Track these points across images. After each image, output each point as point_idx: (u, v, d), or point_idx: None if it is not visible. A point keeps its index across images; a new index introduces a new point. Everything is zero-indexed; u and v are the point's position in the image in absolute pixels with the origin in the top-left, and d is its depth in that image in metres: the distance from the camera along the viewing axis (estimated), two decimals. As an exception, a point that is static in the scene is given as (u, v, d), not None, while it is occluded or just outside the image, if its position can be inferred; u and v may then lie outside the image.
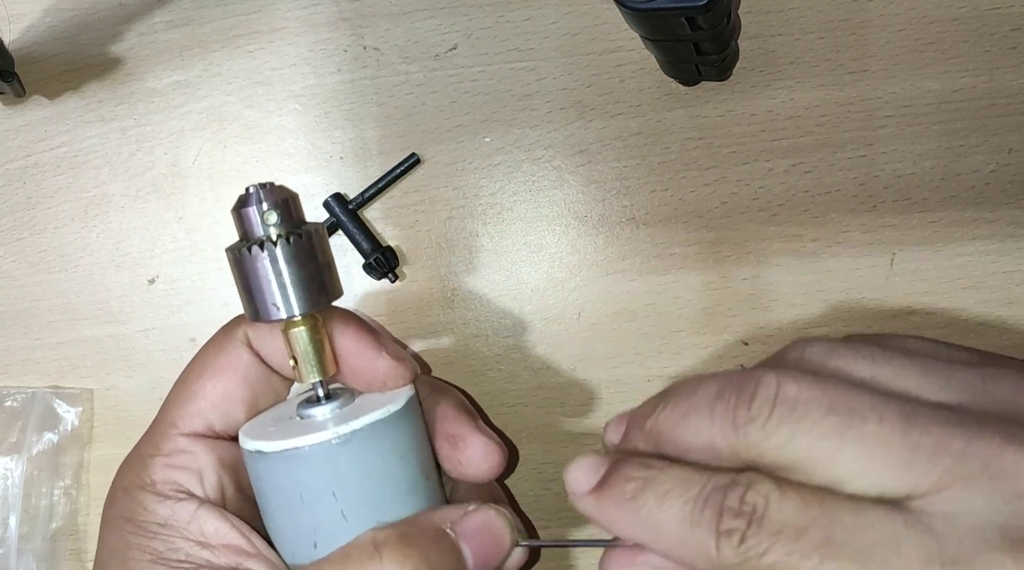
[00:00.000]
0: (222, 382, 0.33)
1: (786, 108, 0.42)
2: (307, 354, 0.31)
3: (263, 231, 0.30)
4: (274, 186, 0.31)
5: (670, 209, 0.43)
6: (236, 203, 0.31)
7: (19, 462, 0.44)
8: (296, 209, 0.31)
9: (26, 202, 0.46)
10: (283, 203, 0.30)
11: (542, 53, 0.43)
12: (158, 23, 0.45)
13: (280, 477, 0.31)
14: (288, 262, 0.30)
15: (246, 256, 0.30)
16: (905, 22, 0.41)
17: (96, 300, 0.46)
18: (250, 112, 0.45)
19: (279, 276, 0.30)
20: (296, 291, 0.30)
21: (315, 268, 0.31)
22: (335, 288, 0.32)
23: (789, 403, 0.26)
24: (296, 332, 0.31)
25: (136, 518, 0.31)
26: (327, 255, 0.32)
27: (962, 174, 0.42)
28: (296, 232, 0.30)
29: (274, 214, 0.30)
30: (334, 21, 0.44)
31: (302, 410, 0.33)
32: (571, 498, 0.30)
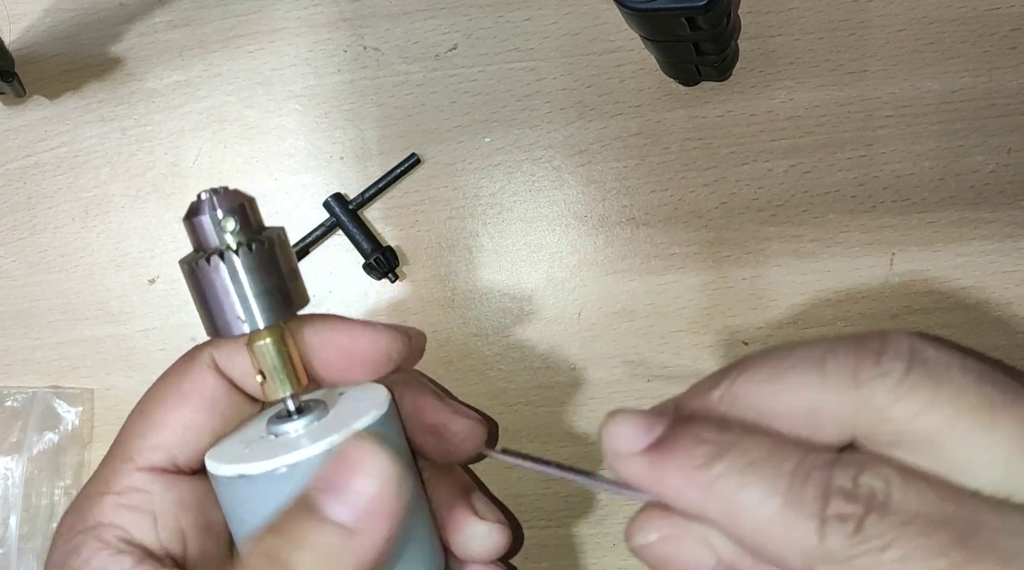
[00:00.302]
0: (187, 410, 0.30)
1: (786, 108, 0.42)
2: (275, 368, 0.29)
3: (219, 240, 0.28)
4: (228, 190, 0.29)
5: (670, 209, 0.43)
6: (188, 211, 0.28)
7: (19, 462, 0.44)
8: (254, 214, 0.29)
9: (26, 202, 0.46)
10: (240, 208, 0.28)
11: (542, 53, 0.43)
12: (158, 23, 0.45)
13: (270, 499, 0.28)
14: (249, 272, 0.28)
15: (203, 268, 0.28)
16: (905, 22, 0.41)
17: (96, 300, 0.46)
18: (250, 112, 0.45)
19: (240, 287, 0.28)
20: (259, 302, 0.28)
21: (278, 276, 0.28)
22: (301, 296, 0.30)
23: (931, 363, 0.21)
24: (262, 345, 0.29)
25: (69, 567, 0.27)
26: (290, 261, 0.29)
27: (961, 174, 0.42)
28: (256, 239, 0.28)
29: (231, 221, 0.28)
30: (334, 21, 0.44)
31: (273, 427, 0.30)
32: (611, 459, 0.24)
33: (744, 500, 0.22)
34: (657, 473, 0.23)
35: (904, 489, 0.20)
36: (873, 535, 0.20)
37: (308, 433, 0.29)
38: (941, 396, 0.21)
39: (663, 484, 0.23)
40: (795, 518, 0.21)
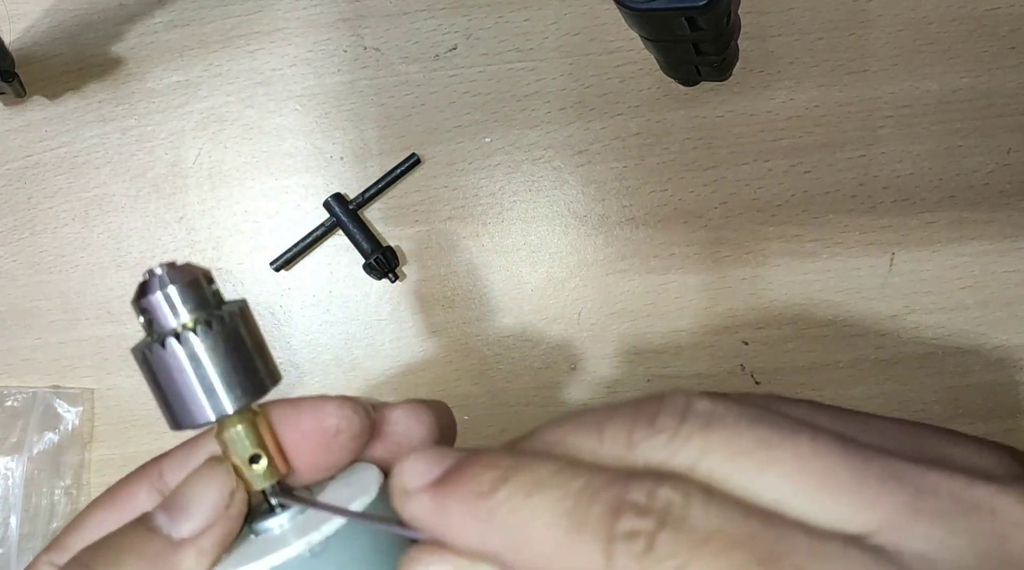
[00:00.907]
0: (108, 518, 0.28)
1: (786, 108, 0.42)
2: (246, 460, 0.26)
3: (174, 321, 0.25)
4: (178, 265, 0.26)
5: (670, 209, 0.43)
6: (137, 292, 0.26)
7: (20, 462, 0.44)
8: (211, 289, 0.26)
9: (27, 202, 0.46)
10: (193, 284, 0.25)
11: (542, 53, 0.43)
12: (159, 23, 0.45)
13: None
14: (209, 352, 0.25)
15: (156, 354, 0.25)
16: (904, 23, 0.41)
17: (97, 300, 0.46)
18: (250, 112, 0.45)
19: (200, 372, 0.25)
20: (225, 385, 0.25)
21: (244, 354, 0.26)
22: (271, 374, 0.27)
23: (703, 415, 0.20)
24: (232, 434, 0.26)
25: None
26: (256, 336, 0.27)
27: (961, 174, 0.42)
28: (215, 315, 0.25)
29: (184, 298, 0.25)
30: (334, 21, 0.44)
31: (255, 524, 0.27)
32: (398, 499, 0.22)
33: (528, 526, 0.19)
34: (440, 507, 0.21)
35: (706, 504, 0.18)
36: (666, 554, 0.18)
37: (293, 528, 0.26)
38: (714, 441, 0.20)
39: (447, 521, 0.21)
40: (581, 540, 0.19)
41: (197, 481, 0.26)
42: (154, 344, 0.25)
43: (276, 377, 0.27)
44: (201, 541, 0.25)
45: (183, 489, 0.26)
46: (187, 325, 0.25)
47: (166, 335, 0.25)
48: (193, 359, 0.25)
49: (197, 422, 0.25)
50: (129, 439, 0.45)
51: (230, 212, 0.45)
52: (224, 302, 0.26)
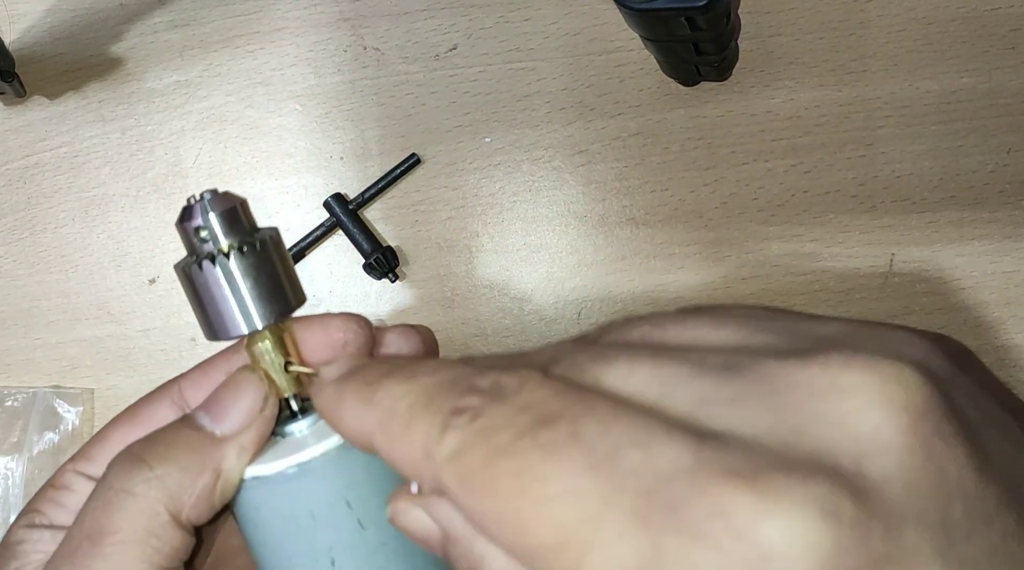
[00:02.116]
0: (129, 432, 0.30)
1: (785, 108, 0.42)
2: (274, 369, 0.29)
3: (213, 244, 0.28)
4: (219, 193, 0.29)
5: (670, 209, 0.43)
6: (180, 216, 0.28)
7: (20, 462, 0.44)
8: (247, 216, 0.29)
9: (27, 202, 0.46)
10: (231, 211, 0.28)
11: (542, 53, 0.43)
12: (159, 23, 0.45)
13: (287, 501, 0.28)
14: (244, 274, 0.28)
15: (196, 273, 0.28)
16: (904, 22, 0.41)
17: (97, 300, 0.46)
18: (251, 112, 0.45)
19: (235, 290, 0.28)
20: (255, 304, 0.28)
21: (273, 277, 0.28)
22: (297, 295, 0.30)
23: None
24: (260, 347, 0.29)
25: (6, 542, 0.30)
26: (285, 262, 0.29)
27: (961, 174, 0.42)
28: (249, 241, 0.28)
29: (223, 224, 0.28)
30: (335, 21, 0.44)
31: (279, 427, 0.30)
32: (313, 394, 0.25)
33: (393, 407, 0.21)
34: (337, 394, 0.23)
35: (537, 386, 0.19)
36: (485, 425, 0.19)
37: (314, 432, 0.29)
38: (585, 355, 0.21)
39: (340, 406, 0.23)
40: (426, 415, 0.20)
41: (235, 386, 0.28)
42: (194, 264, 0.28)
43: (302, 298, 0.29)
44: (241, 438, 0.27)
45: (221, 394, 0.28)
46: (225, 248, 0.27)
47: (206, 256, 0.27)
48: (230, 278, 0.28)
49: (231, 334, 0.28)
50: (129, 439, 0.45)
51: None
52: (258, 229, 0.29)
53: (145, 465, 0.27)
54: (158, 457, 0.27)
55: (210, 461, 0.27)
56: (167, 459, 0.27)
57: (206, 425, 0.28)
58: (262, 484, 0.28)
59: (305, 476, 0.28)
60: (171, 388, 0.32)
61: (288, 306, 0.29)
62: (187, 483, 0.27)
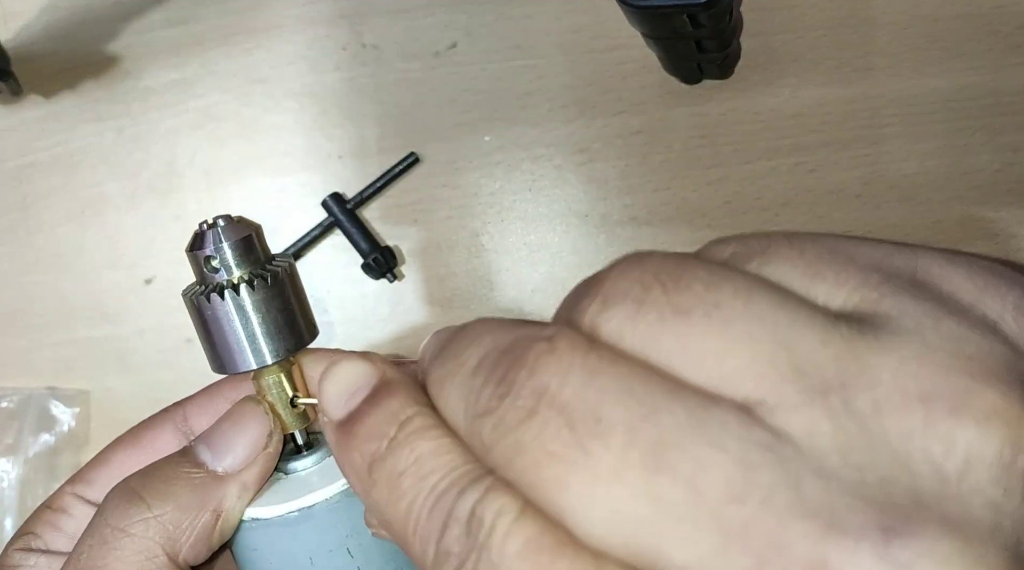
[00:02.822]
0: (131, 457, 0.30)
1: (789, 106, 0.42)
2: (282, 404, 0.28)
3: (224, 275, 0.27)
4: (233, 220, 0.27)
5: (672, 208, 0.43)
6: (191, 242, 0.27)
7: (15, 464, 0.44)
8: (261, 245, 0.28)
9: (22, 202, 0.45)
10: (245, 241, 0.27)
11: (543, 51, 0.43)
12: (155, 21, 0.44)
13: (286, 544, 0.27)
14: (255, 308, 0.27)
15: (205, 304, 0.27)
16: (910, 19, 0.41)
17: (92, 300, 0.45)
18: (247, 110, 0.44)
19: (246, 324, 0.27)
20: (265, 339, 0.27)
21: (286, 311, 0.27)
22: (310, 329, 0.29)
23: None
24: (268, 381, 0.28)
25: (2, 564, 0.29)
26: (299, 294, 0.29)
27: (967, 173, 0.41)
28: (262, 273, 0.27)
29: (236, 253, 0.27)
30: (333, 18, 0.44)
31: (284, 464, 0.29)
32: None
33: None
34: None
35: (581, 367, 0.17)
36: None
37: (319, 471, 0.28)
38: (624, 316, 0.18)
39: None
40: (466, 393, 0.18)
41: (239, 420, 0.27)
42: (204, 294, 0.27)
43: (314, 332, 0.29)
44: (243, 476, 0.27)
45: (224, 427, 0.27)
46: (236, 280, 0.26)
47: (216, 288, 0.26)
48: (241, 312, 0.27)
49: (239, 369, 0.27)
50: (125, 441, 0.45)
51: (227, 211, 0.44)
52: (272, 258, 0.28)
53: (143, 504, 0.26)
54: (157, 495, 0.26)
55: (210, 500, 0.26)
56: (166, 497, 0.26)
57: (207, 461, 0.27)
58: (262, 526, 0.27)
59: (307, 521, 0.27)
60: (175, 412, 0.31)
61: (300, 341, 0.28)
62: (185, 523, 0.26)
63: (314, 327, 0.29)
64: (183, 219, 0.45)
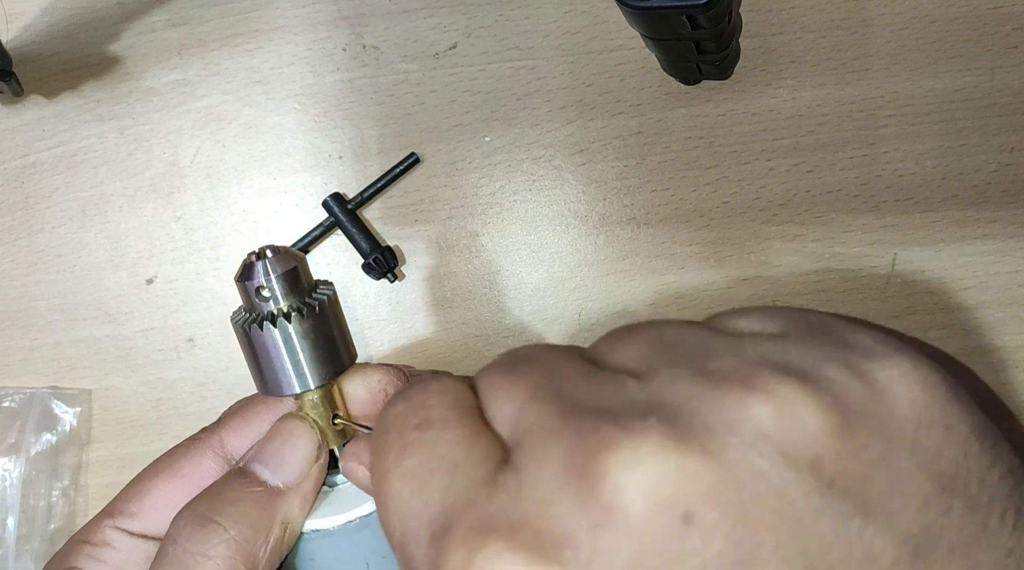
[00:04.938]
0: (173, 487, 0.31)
1: (787, 107, 0.42)
2: (324, 423, 0.30)
3: (273, 304, 0.28)
4: (279, 252, 0.29)
5: (671, 209, 0.43)
6: (240, 272, 0.29)
7: (17, 463, 0.44)
8: (306, 275, 0.29)
9: (24, 202, 0.46)
10: (292, 272, 0.29)
11: (542, 52, 0.43)
12: (157, 22, 0.45)
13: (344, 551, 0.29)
14: (302, 336, 0.28)
15: (256, 332, 0.28)
16: (907, 21, 0.41)
17: (94, 300, 0.45)
18: (249, 111, 0.44)
19: (291, 352, 0.29)
20: (310, 365, 0.29)
21: (329, 338, 0.29)
22: (350, 353, 0.31)
23: None
24: (310, 402, 0.30)
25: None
26: (340, 321, 0.30)
27: (964, 174, 0.41)
28: (309, 304, 0.29)
29: (283, 285, 0.28)
30: (333, 20, 0.44)
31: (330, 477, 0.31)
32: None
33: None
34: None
35: None
36: None
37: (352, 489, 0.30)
38: None
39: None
40: None
41: (289, 436, 0.29)
42: (255, 323, 0.28)
43: (354, 356, 0.31)
44: (302, 488, 0.28)
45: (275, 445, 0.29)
46: (284, 310, 0.28)
47: (267, 316, 0.28)
48: (287, 340, 0.28)
49: (284, 393, 0.29)
50: (127, 440, 0.45)
51: (228, 212, 0.45)
52: (316, 287, 0.30)
53: (219, 527, 0.27)
54: (229, 518, 0.27)
55: (277, 514, 0.27)
56: (238, 518, 0.27)
57: (268, 479, 0.28)
58: (322, 536, 0.29)
59: (365, 528, 0.29)
60: (210, 439, 0.32)
61: (341, 366, 0.30)
62: (259, 539, 0.27)
63: (353, 351, 0.31)
64: (185, 219, 0.45)
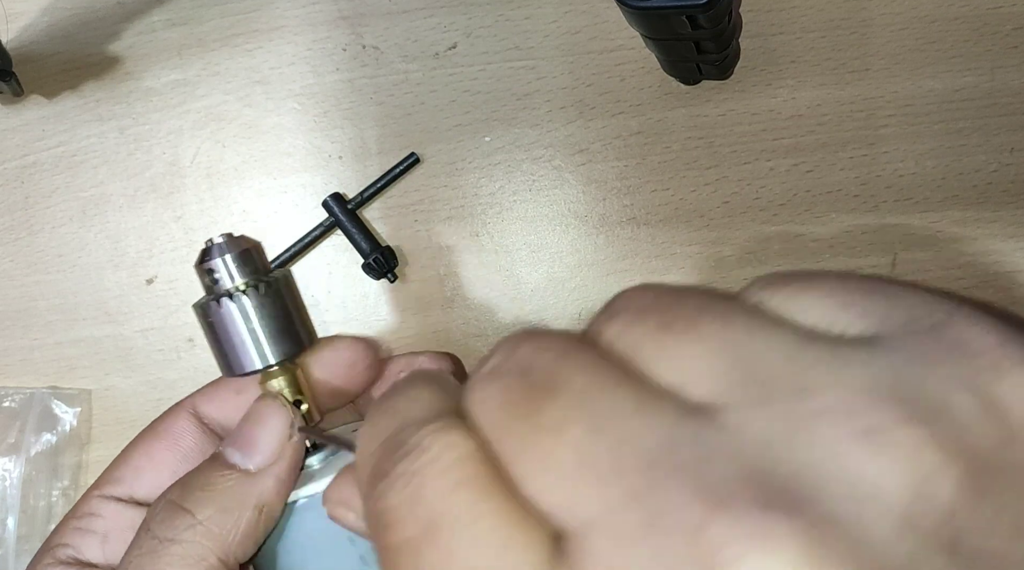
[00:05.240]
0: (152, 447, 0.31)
1: (787, 107, 0.42)
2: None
3: (230, 283, 0.29)
4: (234, 237, 0.30)
5: (671, 209, 0.43)
6: (198, 258, 0.30)
7: (17, 463, 0.44)
8: (261, 258, 0.31)
9: (24, 202, 0.46)
10: (246, 253, 0.30)
11: (542, 52, 0.43)
12: (156, 22, 0.45)
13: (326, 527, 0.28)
14: (258, 310, 0.29)
15: (214, 309, 0.29)
16: (906, 21, 0.41)
17: (94, 300, 0.45)
18: (249, 111, 0.44)
19: (250, 326, 0.29)
20: (269, 341, 0.30)
21: (286, 316, 0.30)
22: (310, 334, 0.31)
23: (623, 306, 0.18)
24: (274, 383, 0.30)
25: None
26: (297, 301, 0.31)
27: (964, 174, 0.41)
28: (264, 280, 0.30)
29: (238, 264, 0.29)
30: (333, 20, 0.44)
31: None
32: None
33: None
34: None
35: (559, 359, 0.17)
36: None
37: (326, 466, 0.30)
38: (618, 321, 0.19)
39: None
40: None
41: (259, 417, 0.29)
42: (212, 300, 0.29)
43: (313, 337, 0.31)
44: (276, 469, 0.28)
45: (247, 427, 0.29)
46: (241, 286, 0.29)
47: (223, 294, 0.29)
48: (244, 314, 0.29)
49: (246, 369, 0.30)
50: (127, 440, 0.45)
51: (228, 212, 0.45)
52: (271, 270, 0.31)
53: (187, 513, 0.27)
54: (198, 502, 0.27)
55: (249, 497, 0.27)
56: (207, 503, 0.27)
57: (239, 462, 0.28)
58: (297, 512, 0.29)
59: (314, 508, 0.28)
60: (184, 402, 0.32)
61: (300, 344, 0.30)
62: (230, 523, 0.27)
63: (313, 335, 0.31)
64: (185, 219, 0.45)
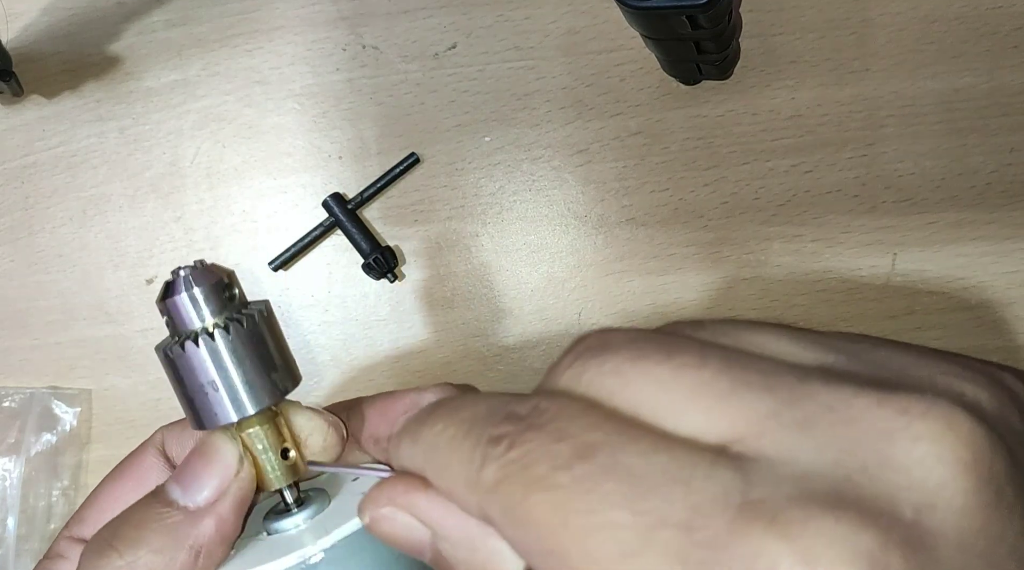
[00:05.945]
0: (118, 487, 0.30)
1: (787, 107, 0.42)
2: (268, 458, 0.26)
3: (197, 322, 0.25)
4: (204, 266, 0.26)
5: (670, 209, 0.43)
6: (161, 292, 0.26)
7: (17, 463, 0.44)
8: (235, 289, 0.26)
9: (24, 202, 0.46)
10: (216, 285, 0.26)
11: (542, 52, 0.43)
12: (156, 22, 0.45)
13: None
14: (232, 354, 0.25)
15: (179, 354, 0.25)
16: (906, 21, 0.41)
17: (94, 300, 0.45)
18: (248, 111, 0.44)
19: (223, 373, 0.25)
20: (246, 387, 0.25)
21: (265, 356, 0.26)
22: (292, 374, 0.27)
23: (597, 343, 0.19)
24: (252, 434, 0.26)
25: None
26: (278, 338, 0.27)
27: (963, 174, 0.41)
28: (238, 317, 0.25)
29: (208, 299, 0.25)
30: (333, 20, 0.44)
31: (270, 524, 0.27)
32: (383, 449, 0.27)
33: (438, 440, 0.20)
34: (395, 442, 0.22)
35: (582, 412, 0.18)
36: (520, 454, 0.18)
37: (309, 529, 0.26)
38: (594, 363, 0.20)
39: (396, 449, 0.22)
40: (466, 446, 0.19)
41: (204, 451, 0.26)
42: (176, 344, 0.25)
43: (296, 378, 0.27)
44: (218, 507, 0.26)
45: (192, 461, 0.26)
46: (209, 327, 0.25)
47: (188, 336, 0.25)
48: (216, 359, 0.25)
49: (218, 423, 0.25)
50: (127, 440, 0.45)
51: (228, 212, 0.45)
52: (247, 303, 0.26)
53: (115, 552, 0.25)
54: (127, 542, 0.25)
55: (184, 538, 0.25)
56: (137, 543, 0.25)
57: (178, 499, 0.26)
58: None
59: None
60: (153, 437, 0.31)
61: (281, 388, 0.26)
62: (160, 566, 0.25)
63: (296, 372, 0.27)
64: (185, 219, 0.45)
